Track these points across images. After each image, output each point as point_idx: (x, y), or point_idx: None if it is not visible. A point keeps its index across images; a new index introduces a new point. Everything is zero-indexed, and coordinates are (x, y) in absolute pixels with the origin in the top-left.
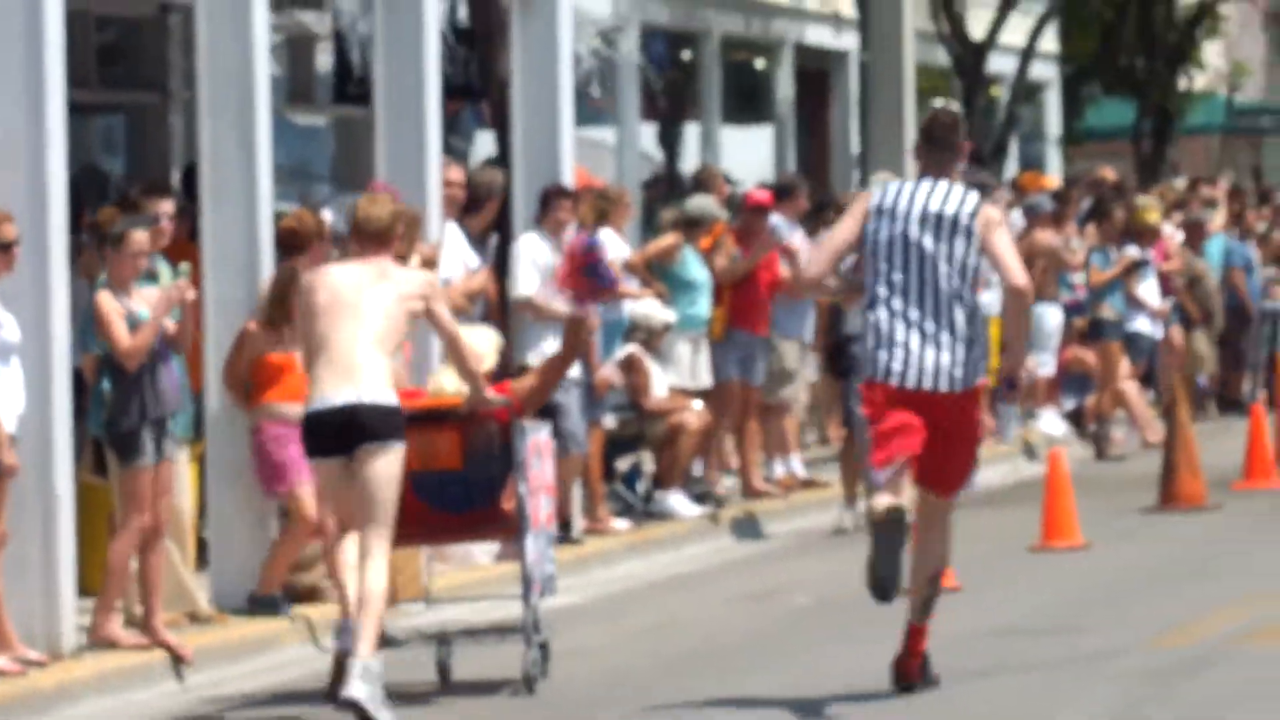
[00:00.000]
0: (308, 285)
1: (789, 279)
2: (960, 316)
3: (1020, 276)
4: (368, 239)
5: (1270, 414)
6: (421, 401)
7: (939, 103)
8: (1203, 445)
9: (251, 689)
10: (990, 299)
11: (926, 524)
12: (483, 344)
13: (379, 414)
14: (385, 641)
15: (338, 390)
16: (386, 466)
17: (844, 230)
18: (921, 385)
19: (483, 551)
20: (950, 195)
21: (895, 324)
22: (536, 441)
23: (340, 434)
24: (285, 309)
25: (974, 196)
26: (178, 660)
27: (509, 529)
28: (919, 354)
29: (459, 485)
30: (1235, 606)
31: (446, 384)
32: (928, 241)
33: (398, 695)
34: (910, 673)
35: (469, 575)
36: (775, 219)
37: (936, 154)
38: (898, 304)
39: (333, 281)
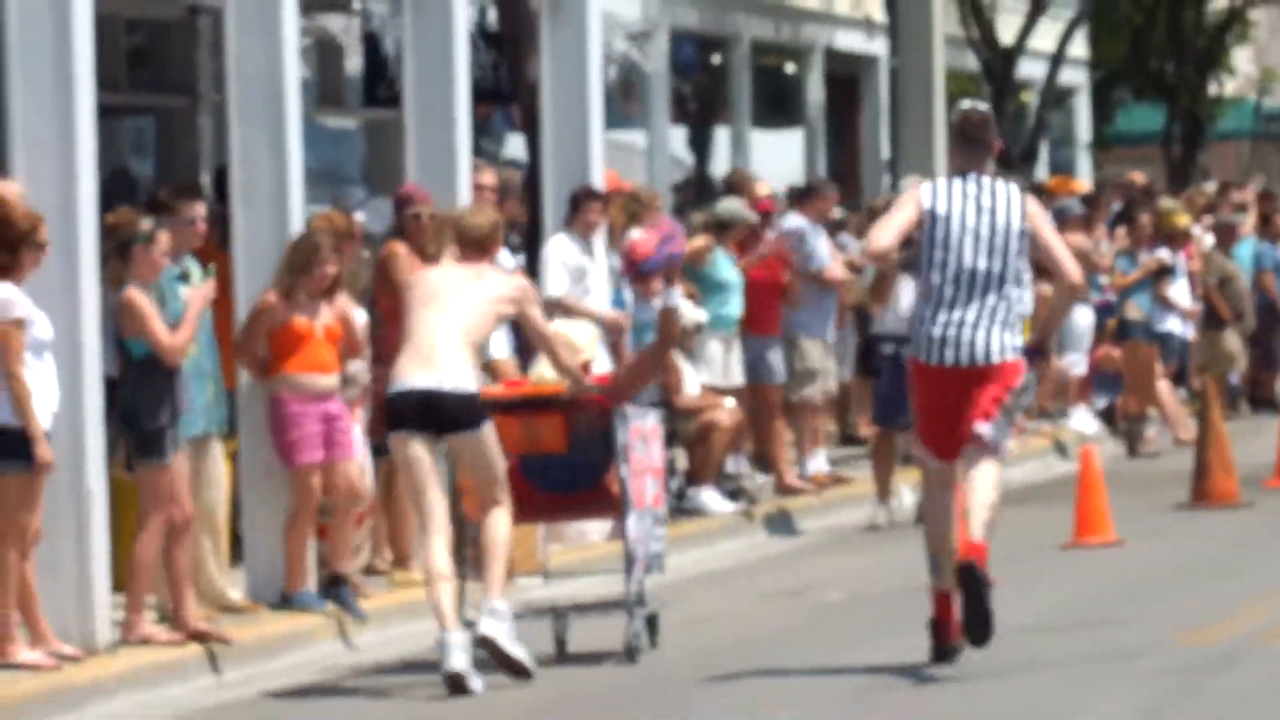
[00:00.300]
0: (409, 284)
1: (792, 285)
2: (1003, 304)
3: (1077, 273)
4: (470, 245)
5: None
6: (526, 389)
7: (967, 103)
8: (1234, 443)
9: (285, 685)
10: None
11: (973, 467)
12: (582, 337)
13: (459, 400)
14: None
15: (418, 375)
16: (484, 449)
17: (907, 212)
18: (959, 362)
19: (597, 530)
20: (997, 189)
21: (942, 307)
22: (640, 427)
23: (422, 415)
24: (308, 276)
25: (1016, 189)
26: (216, 641)
27: (614, 509)
28: (956, 334)
29: (564, 468)
30: (1265, 603)
31: (548, 373)
32: (985, 236)
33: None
34: (972, 554)
35: (583, 553)
36: (798, 221)
37: (971, 151)
38: (948, 289)
39: (431, 279)
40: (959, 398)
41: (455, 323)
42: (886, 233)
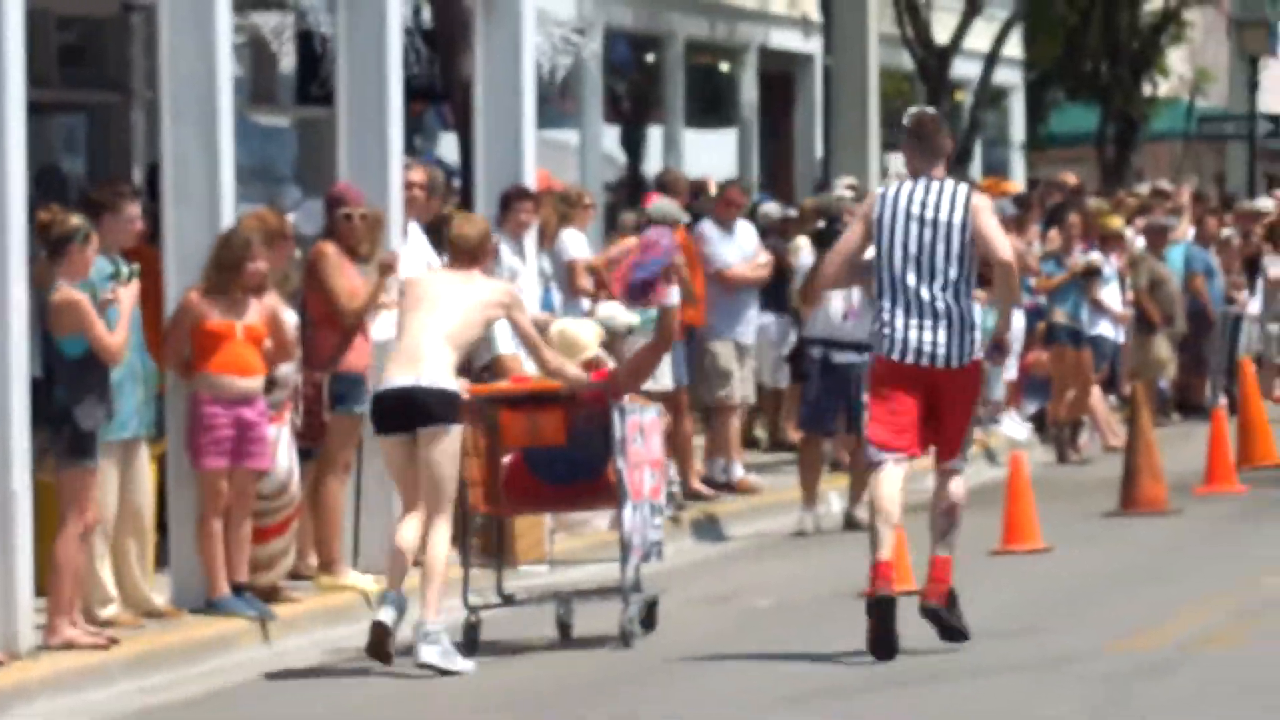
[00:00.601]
0: (403, 288)
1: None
2: (958, 303)
3: (1005, 251)
4: (461, 254)
5: (1231, 419)
6: (528, 385)
7: (915, 108)
8: (1164, 450)
9: (208, 689)
10: None
11: (940, 473)
12: (586, 335)
13: (436, 397)
14: (506, 599)
15: (401, 375)
16: (444, 449)
17: (852, 234)
18: (920, 362)
19: (604, 520)
20: (944, 191)
21: (897, 311)
22: (639, 421)
23: (401, 413)
24: (237, 274)
25: (964, 188)
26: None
27: (614, 500)
28: (919, 335)
29: (565, 461)
30: (1195, 610)
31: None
32: (927, 236)
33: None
34: (931, 595)
35: (587, 540)
36: (703, 223)
37: (925, 151)
38: (902, 293)
39: (422, 284)
40: (920, 393)
41: (441, 326)
42: (832, 261)
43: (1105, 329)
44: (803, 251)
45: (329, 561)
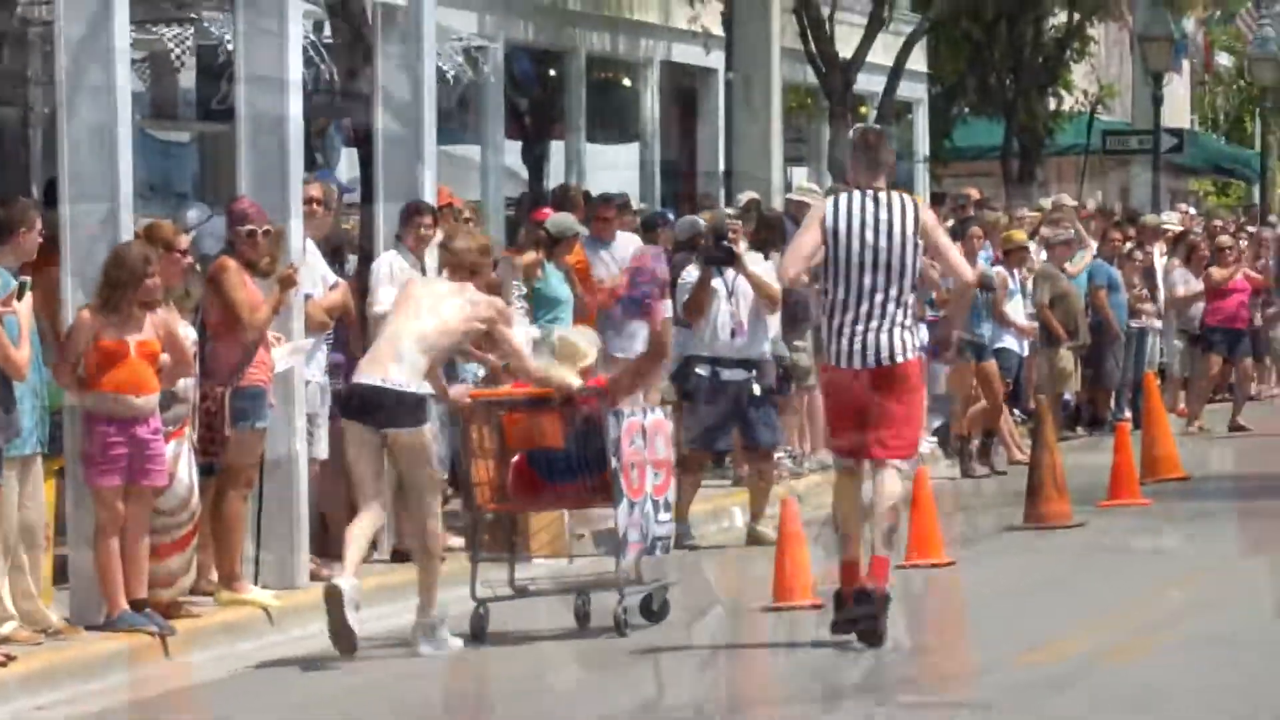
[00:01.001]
0: (400, 289)
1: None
2: (901, 308)
3: (969, 272)
4: (458, 267)
5: (1135, 432)
6: (525, 390)
7: (861, 125)
8: (1068, 463)
9: (106, 706)
10: None
11: (877, 474)
12: (585, 343)
13: (396, 399)
14: (518, 591)
15: (369, 372)
16: (418, 449)
17: (809, 237)
18: (866, 363)
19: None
20: (892, 204)
21: (846, 316)
22: (640, 423)
23: (359, 409)
24: (132, 290)
25: (911, 203)
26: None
27: (610, 498)
28: (863, 339)
29: (563, 461)
30: (1096, 624)
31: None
32: (877, 245)
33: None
34: (861, 579)
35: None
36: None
37: (870, 164)
38: (850, 300)
39: (413, 287)
40: (867, 399)
41: (418, 329)
42: (794, 259)
43: (1010, 342)
44: (689, 268)
45: (230, 577)
